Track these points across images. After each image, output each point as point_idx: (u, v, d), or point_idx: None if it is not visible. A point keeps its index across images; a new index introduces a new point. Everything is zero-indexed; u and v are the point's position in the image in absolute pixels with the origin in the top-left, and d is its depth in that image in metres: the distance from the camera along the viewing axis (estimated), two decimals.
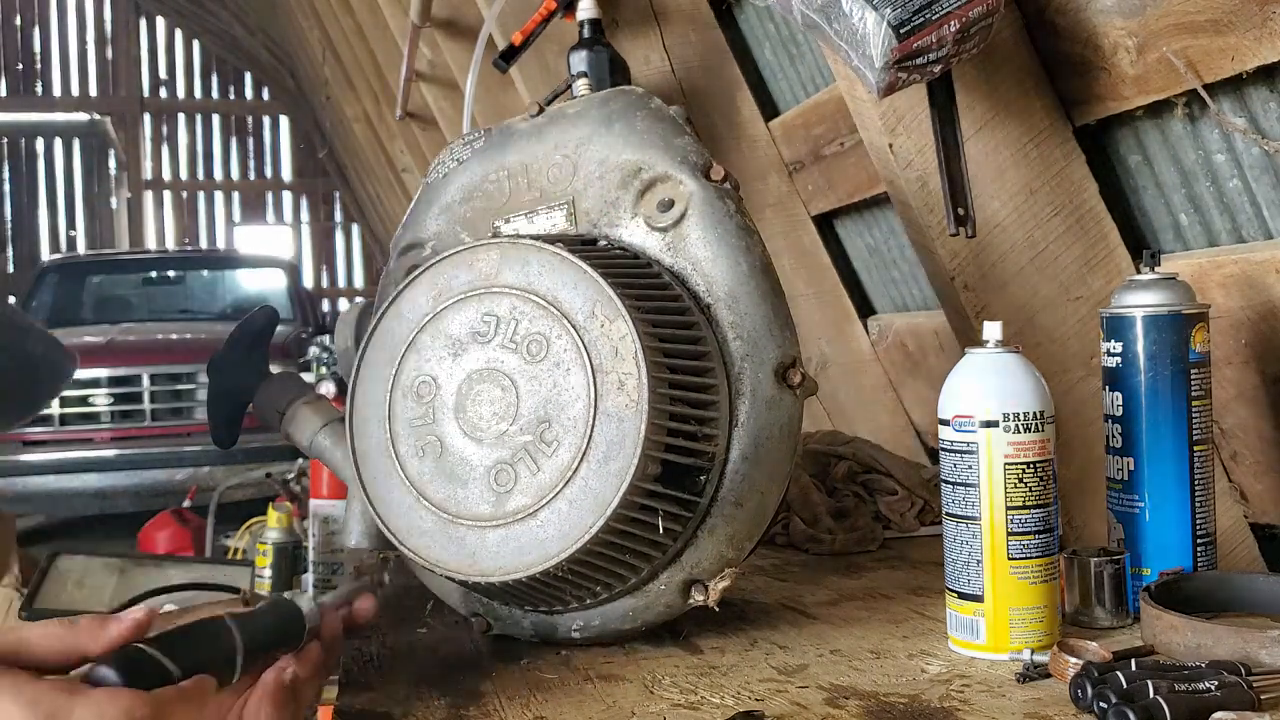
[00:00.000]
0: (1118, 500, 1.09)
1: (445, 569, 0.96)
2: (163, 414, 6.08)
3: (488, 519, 0.95)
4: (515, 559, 0.94)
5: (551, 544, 0.92)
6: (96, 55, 14.42)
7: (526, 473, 0.94)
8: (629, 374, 0.93)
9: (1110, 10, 1.13)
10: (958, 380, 0.99)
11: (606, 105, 1.12)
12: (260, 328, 1.21)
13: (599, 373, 0.93)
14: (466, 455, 0.97)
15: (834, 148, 1.76)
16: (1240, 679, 0.80)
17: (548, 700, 0.91)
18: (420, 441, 0.98)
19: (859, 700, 0.88)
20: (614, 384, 0.93)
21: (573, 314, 0.95)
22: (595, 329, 0.94)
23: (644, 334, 0.93)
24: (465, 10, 3.25)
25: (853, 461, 1.63)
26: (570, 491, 0.93)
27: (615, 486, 0.91)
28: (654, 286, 1.01)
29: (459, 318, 0.99)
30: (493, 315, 0.98)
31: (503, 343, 0.97)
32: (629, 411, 0.92)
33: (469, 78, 2.11)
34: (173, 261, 8.75)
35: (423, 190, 1.18)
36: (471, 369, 0.98)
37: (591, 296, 0.95)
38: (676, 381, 0.96)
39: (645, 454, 0.91)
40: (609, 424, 0.92)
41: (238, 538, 4.34)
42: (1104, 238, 1.30)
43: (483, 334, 0.98)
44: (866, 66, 1.09)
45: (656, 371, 0.93)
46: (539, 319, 0.96)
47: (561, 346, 0.95)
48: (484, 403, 0.97)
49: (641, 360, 0.92)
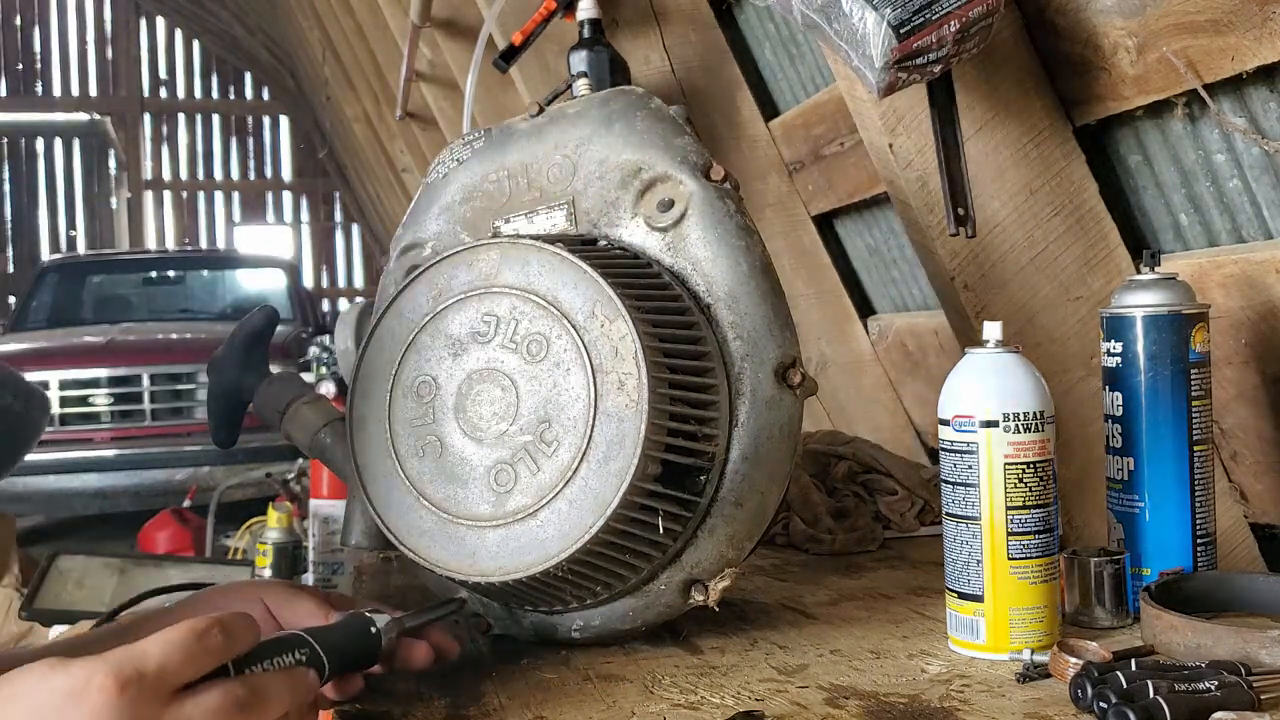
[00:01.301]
0: (1118, 500, 1.09)
1: (445, 569, 0.96)
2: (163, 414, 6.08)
3: (487, 519, 0.95)
4: (515, 559, 0.94)
5: (551, 544, 0.92)
6: (96, 55, 14.43)
7: (526, 472, 0.94)
8: (629, 374, 0.92)
9: (1110, 10, 1.13)
10: (958, 380, 0.99)
11: (606, 105, 1.12)
12: (260, 327, 1.21)
13: (599, 373, 0.93)
14: (466, 455, 0.97)
15: (834, 148, 1.76)
16: (1240, 679, 0.80)
17: (548, 700, 0.91)
18: (420, 441, 0.98)
19: (859, 700, 0.88)
20: (614, 384, 0.93)
21: (573, 314, 0.95)
22: (595, 329, 0.94)
23: (644, 334, 0.93)
24: (465, 10, 3.25)
25: (853, 461, 1.63)
26: (570, 491, 0.92)
27: (615, 487, 0.91)
28: (654, 287, 1.01)
29: (459, 318, 0.99)
30: (493, 315, 0.98)
31: (503, 343, 0.97)
32: (629, 411, 0.92)
33: (469, 78, 2.11)
34: (173, 261, 8.76)
35: (423, 190, 1.18)
36: (471, 369, 0.98)
37: (591, 296, 0.95)
38: (677, 381, 0.96)
39: (645, 454, 0.91)
40: (609, 424, 0.92)
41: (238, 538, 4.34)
42: (1104, 238, 1.30)
43: (483, 334, 0.98)
44: (866, 66, 1.09)
45: (656, 371, 0.93)
46: (539, 319, 0.96)
47: (561, 346, 0.95)
48: (484, 403, 0.97)
49: (641, 360, 0.92)
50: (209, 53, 14.67)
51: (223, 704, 0.68)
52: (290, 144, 15.00)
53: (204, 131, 14.88)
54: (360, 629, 0.86)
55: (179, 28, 14.61)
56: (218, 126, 14.92)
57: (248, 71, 14.68)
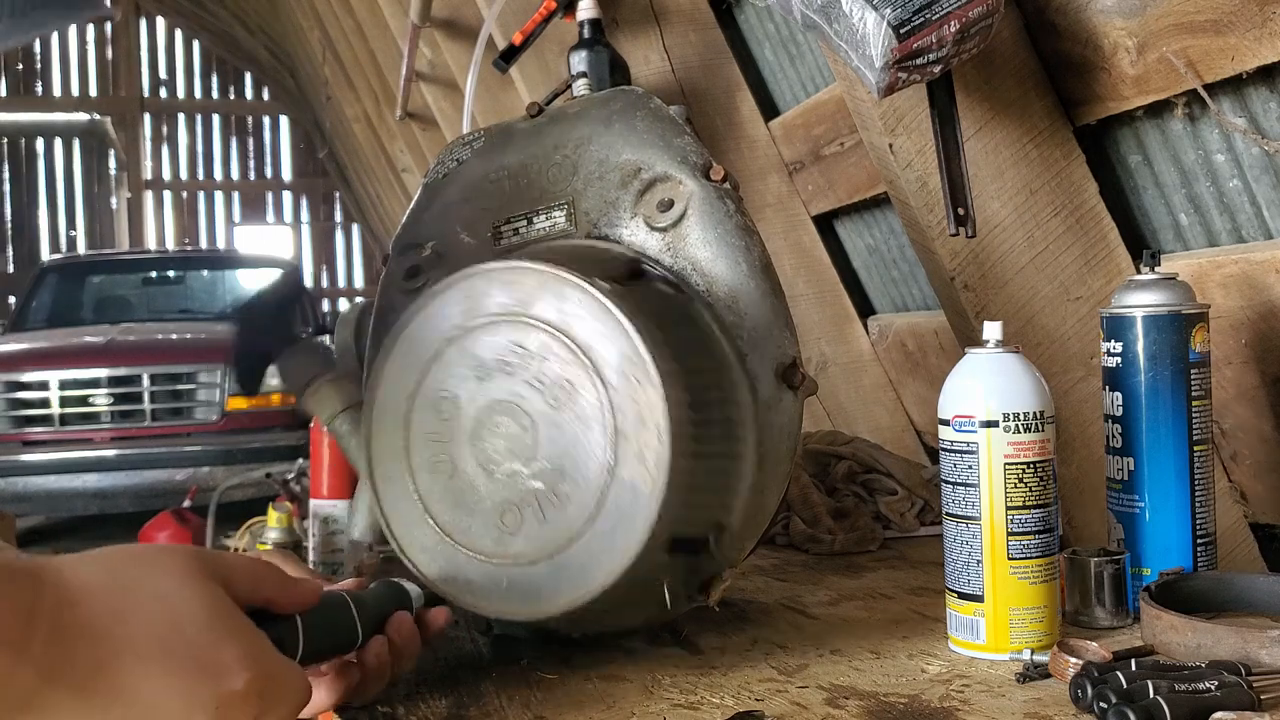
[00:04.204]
0: (1118, 500, 1.09)
1: (440, 589, 0.95)
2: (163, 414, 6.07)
3: (488, 554, 0.93)
4: (508, 602, 0.93)
5: (546, 599, 0.92)
6: (96, 55, 14.42)
7: (533, 520, 0.92)
8: (651, 446, 0.88)
9: (1110, 10, 1.13)
10: (958, 380, 0.99)
11: (606, 105, 1.12)
12: (289, 292, 1.21)
13: (621, 437, 0.89)
14: (476, 485, 0.94)
15: (834, 148, 1.76)
16: (1240, 679, 0.80)
17: (548, 700, 0.91)
18: (434, 457, 0.96)
19: (859, 700, 0.88)
20: (634, 453, 0.89)
21: (604, 368, 0.90)
22: (624, 390, 0.89)
23: (675, 403, 0.89)
24: (465, 10, 3.25)
25: (853, 461, 1.63)
26: (572, 553, 0.90)
27: (617, 560, 0.89)
28: (696, 340, 0.97)
29: (489, 340, 0.95)
30: (523, 348, 0.93)
31: (529, 379, 0.93)
32: (645, 487, 0.88)
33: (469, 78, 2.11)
34: (173, 261, 8.74)
35: (423, 190, 1.18)
36: (494, 398, 0.94)
37: (625, 354, 0.90)
38: (701, 452, 0.93)
39: (656, 531, 0.89)
40: (623, 493, 0.89)
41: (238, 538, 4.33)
42: (1104, 238, 1.30)
43: (510, 365, 0.94)
44: (866, 66, 1.09)
45: (681, 447, 0.89)
46: (569, 365, 0.91)
47: (587, 400, 0.91)
48: (501, 436, 0.94)
49: (666, 436, 0.88)
50: (209, 53, 14.67)
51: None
52: (290, 144, 15.00)
53: (204, 131, 14.88)
54: (395, 595, 0.89)
55: (179, 28, 14.61)
56: (218, 126, 14.92)
57: (248, 71, 14.68)
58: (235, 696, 0.66)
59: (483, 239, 1.12)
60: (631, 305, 0.92)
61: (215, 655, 0.66)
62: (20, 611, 0.61)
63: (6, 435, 5.80)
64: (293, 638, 0.76)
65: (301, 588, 0.78)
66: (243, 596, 0.71)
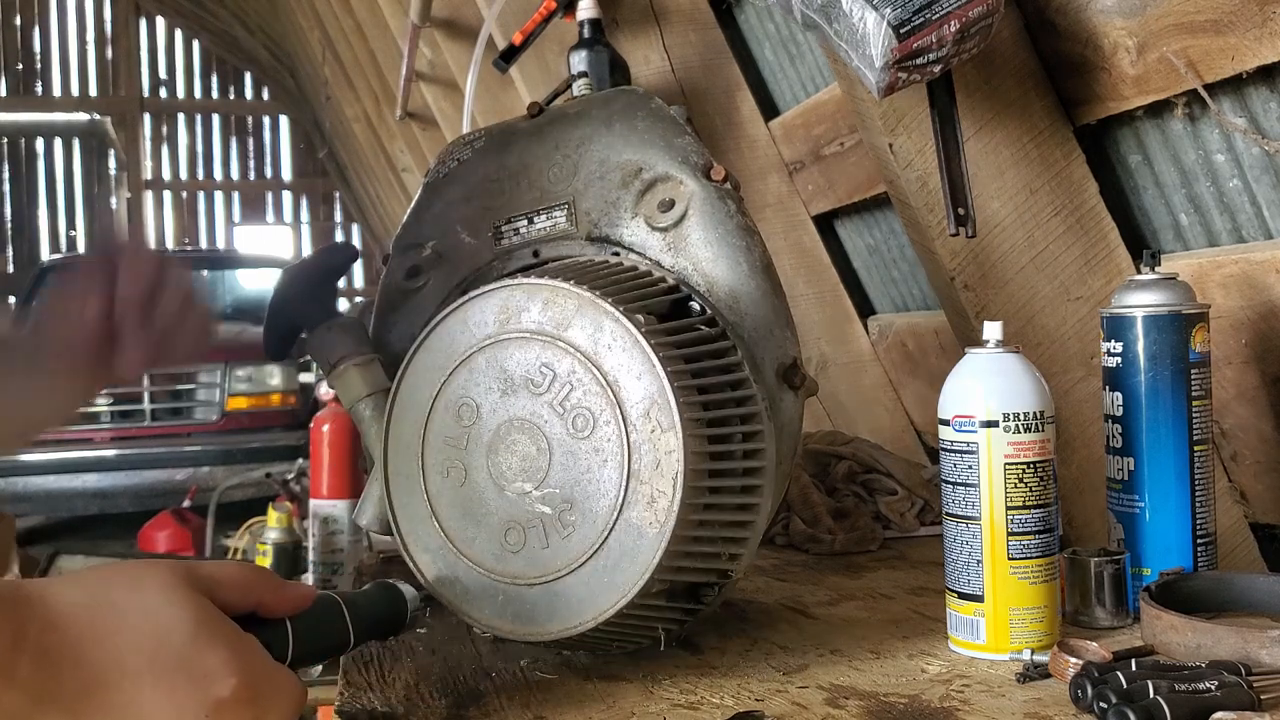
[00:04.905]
0: (1118, 500, 1.09)
1: (437, 591, 0.95)
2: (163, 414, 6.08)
3: (488, 569, 0.93)
4: (502, 619, 0.93)
5: (537, 623, 0.92)
6: (96, 55, 14.42)
7: (537, 543, 0.92)
8: (663, 493, 0.88)
9: (1110, 10, 1.13)
10: (958, 380, 0.99)
11: (607, 105, 1.12)
12: (338, 264, 1.20)
13: (634, 479, 0.88)
14: (486, 497, 0.94)
15: (834, 148, 1.76)
16: (1240, 679, 0.80)
17: (548, 700, 0.91)
18: (448, 461, 0.96)
19: (859, 700, 0.88)
20: (645, 497, 0.88)
21: (628, 406, 0.89)
22: (645, 432, 0.89)
23: (693, 453, 0.88)
24: (465, 10, 3.25)
25: (853, 461, 1.63)
26: (570, 584, 0.90)
27: (614, 598, 0.89)
28: (729, 385, 0.97)
29: (519, 356, 0.94)
30: (551, 370, 0.92)
31: (552, 403, 0.92)
32: (651, 530, 0.88)
33: (469, 78, 2.11)
34: None
35: (423, 190, 1.18)
36: (515, 414, 0.93)
37: (652, 395, 0.89)
38: (714, 504, 0.92)
39: (655, 577, 0.88)
40: (628, 534, 0.89)
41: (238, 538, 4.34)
42: (1104, 238, 1.30)
43: (537, 385, 0.93)
44: (866, 66, 1.09)
45: (693, 498, 0.89)
46: (594, 396, 0.90)
47: (606, 435, 0.90)
48: (516, 454, 0.93)
49: (679, 485, 0.87)
50: (209, 53, 14.67)
51: None
52: (290, 144, 15.00)
53: (204, 131, 14.88)
54: (390, 597, 0.88)
55: (179, 28, 14.61)
56: (218, 126, 14.92)
57: (248, 71, 14.68)
58: (226, 702, 0.66)
59: (483, 239, 1.12)
60: (666, 345, 0.91)
61: (202, 663, 0.66)
62: (5, 636, 0.61)
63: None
64: (282, 641, 0.75)
65: (294, 590, 0.78)
66: (232, 603, 0.72)
